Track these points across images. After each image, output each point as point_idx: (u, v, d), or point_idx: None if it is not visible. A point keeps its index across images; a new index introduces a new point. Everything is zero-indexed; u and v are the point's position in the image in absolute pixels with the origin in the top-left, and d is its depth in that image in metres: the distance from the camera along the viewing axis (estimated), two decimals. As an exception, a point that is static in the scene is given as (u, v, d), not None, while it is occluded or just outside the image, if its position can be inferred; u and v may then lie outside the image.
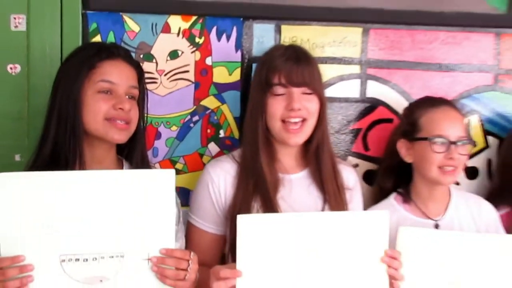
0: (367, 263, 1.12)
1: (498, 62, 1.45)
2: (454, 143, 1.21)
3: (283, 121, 1.17)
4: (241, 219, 1.05)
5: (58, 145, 1.08)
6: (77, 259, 0.99)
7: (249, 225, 1.06)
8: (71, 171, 1.05)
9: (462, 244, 1.19)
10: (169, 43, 1.31)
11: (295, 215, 1.15)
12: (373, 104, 1.44)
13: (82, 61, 1.09)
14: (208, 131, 1.36)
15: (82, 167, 1.08)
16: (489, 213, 1.33)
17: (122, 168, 1.17)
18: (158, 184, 1.05)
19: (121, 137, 1.11)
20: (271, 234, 1.07)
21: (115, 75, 1.10)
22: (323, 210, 1.25)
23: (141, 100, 1.16)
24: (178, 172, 1.33)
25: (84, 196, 1.01)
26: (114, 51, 1.13)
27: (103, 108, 1.07)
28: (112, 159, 1.15)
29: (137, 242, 1.04)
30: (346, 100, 1.42)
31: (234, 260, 1.05)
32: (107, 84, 1.08)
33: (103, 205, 1.02)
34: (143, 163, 1.17)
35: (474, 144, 1.36)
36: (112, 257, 1.02)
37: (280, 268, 1.09)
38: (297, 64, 1.18)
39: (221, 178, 1.23)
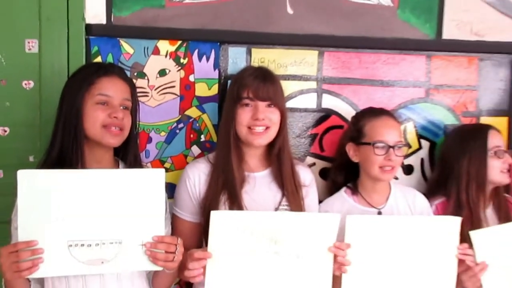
0: (316, 252, 1.26)
1: (429, 79, 1.65)
2: (392, 147, 1.38)
3: (249, 128, 1.32)
4: (214, 214, 1.20)
5: (64, 147, 1.19)
6: (82, 245, 1.11)
7: (219, 219, 1.20)
8: (77, 169, 1.16)
9: (399, 226, 1.34)
10: (158, 63, 1.47)
11: (256, 213, 1.29)
12: (327, 114, 1.61)
13: (83, 78, 1.22)
14: (191, 136, 1.52)
15: (83, 166, 1.19)
16: (422, 202, 1.51)
17: (118, 167, 1.28)
18: (150, 181, 1.16)
19: (115, 141, 1.22)
20: (235, 226, 1.22)
21: (111, 89, 1.21)
22: (280, 203, 1.37)
23: (133, 110, 1.27)
24: (166, 170, 1.46)
25: (88, 191, 1.12)
26: (110, 69, 1.25)
27: (100, 116, 1.19)
28: (109, 159, 1.26)
29: (132, 230, 1.15)
30: (305, 110, 1.59)
31: (207, 244, 1.18)
32: (104, 97, 1.20)
33: (104, 199, 1.13)
34: (136, 163, 1.29)
35: (409, 146, 1.61)
36: (112, 243, 1.13)
37: (243, 252, 1.23)
38: (263, 83, 1.33)
39: (196, 176, 1.36)
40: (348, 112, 1.59)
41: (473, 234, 1.30)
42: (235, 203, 1.31)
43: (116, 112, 1.19)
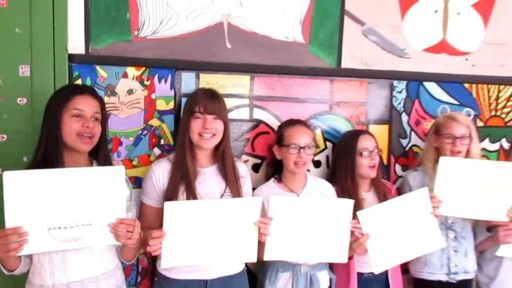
0: (246, 226, 1.47)
1: (331, 97, 1.99)
2: (303, 147, 1.68)
3: (200, 135, 1.55)
4: (167, 204, 1.39)
5: (47, 152, 1.36)
6: (59, 228, 1.27)
7: (171, 207, 1.39)
8: (53, 169, 1.30)
9: (309, 205, 1.57)
10: (127, 84, 1.73)
11: (199, 201, 1.49)
12: (257, 123, 1.91)
13: (62, 96, 1.40)
14: (153, 140, 1.77)
15: (63, 166, 1.35)
16: (330, 189, 1.81)
17: (92, 166, 1.45)
18: (113, 176, 1.33)
19: (86, 147, 1.40)
20: (183, 212, 1.40)
21: (83, 105, 1.38)
22: (225, 191, 1.58)
23: (103, 121, 1.45)
24: (134, 166, 1.75)
25: (64, 186, 1.27)
26: (83, 89, 1.44)
27: (75, 127, 1.36)
28: (85, 160, 1.44)
29: (100, 215, 1.32)
30: (241, 120, 1.89)
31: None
32: (77, 111, 1.37)
33: (77, 191, 1.29)
34: (107, 162, 1.47)
35: (317, 147, 1.93)
36: (84, 225, 1.30)
37: (189, 231, 1.42)
38: (211, 100, 1.57)
39: (160, 172, 1.57)
40: (273, 122, 1.93)
41: (359, 213, 1.58)
42: (191, 192, 1.52)
43: (88, 122, 1.37)
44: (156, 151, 1.80)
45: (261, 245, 1.51)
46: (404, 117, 2.12)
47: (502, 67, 2.22)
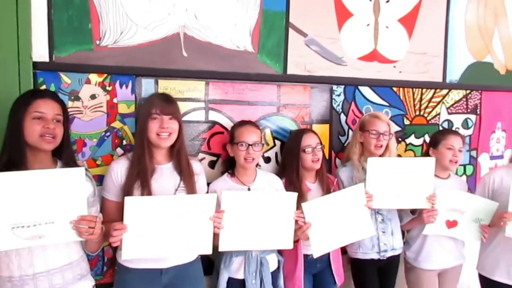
0: (201, 221, 1.56)
1: (279, 100, 2.19)
2: (251, 145, 1.83)
3: (158, 134, 1.64)
4: (127, 199, 1.47)
5: (11, 154, 1.41)
6: (23, 226, 1.31)
7: (131, 202, 1.48)
8: (16, 171, 1.33)
9: (257, 198, 1.71)
10: (90, 90, 1.82)
11: (157, 197, 1.56)
12: (212, 124, 2.06)
13: (23, 100, 1.45)
14: (116, 141, 1.88)
15: (27, 167, 1.40)
16: (278, 182, 1.97)
17: (56, 165, 1.50)
18: (74, 176, 1.39)
19: (49, 147, 1.44)
20: (142, 207, 1.49)
21: (44, 107, 1.43)
22: (179, 186, 1.66)
23: (65, 122, 1.50)
24: (98, 165, 1.84)
25: (27, 187, 1.31)
26: (43, 93, 1.49)
27: (37, 128, 1.41)
28: (49, 160, 1.49)
29: (62, 213, 1.36)
30: (197, 121, 2.03)
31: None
32: (38, 113, 1.41)
33: (39, 192, 1.33)
34: (70, 161, 1.52)
35: (267, 144, 2.13)
36: (47, 223, 1.34)
37: (148, 225, 1.50)
38: (166, 102, 1.67)
39: (118, 169, 1.65)
40: (227, 123, 2.08)
41: (303, 204, 1.74)
42: (145, 188, 1.61)
43: (49, 124, 1.42)
44: (119, 151, 1.90)
45: (216, 236, 1.64)
46: (343, 117, 2.38)
47: (424, 73, 2.57)
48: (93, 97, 1.85)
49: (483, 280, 2.18)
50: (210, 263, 1.95)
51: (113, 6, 1.86)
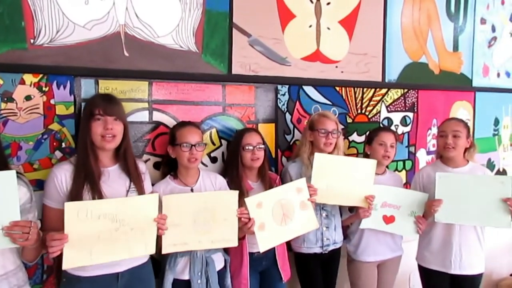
0: (145, 223, 1.57)
1: (224, 100, 2.20)
2: (194, 145, 1.82)
3: (102, 136, 1.61)
4: (67, 205, 1.45)
5: None
6: None
7: (71, 208, 1.46)
8: None
9: (200, 199, 1.73)
10: (24, 90, 1.75)
11: (99, 201, 1.54)
12: (157, 124, 2.04)
13: None
14: (55, 144, 1.81)
15: None
16: (221, 181, 1.98)
17: None
18: (5, 180, 1.34)
19: None
20: (84, 212, 1.47)
21: None
22: (130, 187, 1.67)
23: None
24: (35, 169, 1.78)
25: None
26: None
27: None
28: None
29: None
30: (141, 122, 2.00)
31: None
32: None
33: None
34: (3, 165, 1.47)
35: (213, 144, 2.14)
36: None
37: (91, 231, 1.47)
38: (109, 103, 1.65)
39: (62, 175, 1.60)
40: (172, 123, 2.04)
41: (247, 200, 1.80)
42: (96, 191, 1.58)
43: None
44: (58, 154, 1.84)
45: (160, 238, 1.64)
46: (288, 116, 2.44)
47: (364, 73, 2.69)
48: (28, 98, 1.78)
49: (422, 270, 2.33)
50: (158, 265, 1.93)
51: (48, 4, 1.80)
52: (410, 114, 2.95)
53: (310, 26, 2.49)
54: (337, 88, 2.60)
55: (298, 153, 2.29)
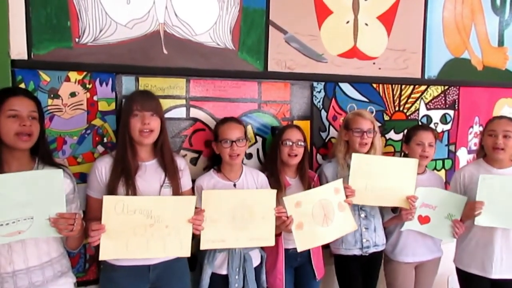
0: (180, 222, 1.59)
1: (260, 97, 2.21)
2: (234, 141, 1.85)
3: (140, 131, 1.64)
4: (106, 198, 1.50)
5: None
6: (1, 225, 1.35)
7: (109, 201, 1.51)
8: (1, 174, 1.37)
9: (240, 196, 1.73)
10: (69, 87, 1.82)
11: (136, 197, 1.58)
12: (194, 121, 2.07)
13: None
14: (97, 138, 1.88)
15: (3, 166, 1.42)
16: (262, 178, 2.01)
17: (35, 162, 1.51)
18: (52, 177, 1.43)
19: (26, 145, 1.45)
20: (121, 206, 1.50)
21: (18, 105, 1.44)
22: (164, 182, 1.69)
23: (41, 119, 1.50)
24: (78, 163, 1.84)
25: (8, 188, 1.35)
26: (17, 91, 1.50)
27: (13, 127, 1.41)
28: (27, 158, 1.50)
29: (41, 210, 1.40)
30: (179, 119, 2.04)
31: None
32: (13, 111, 1.42)
33: (21, 192, 1.37)
34: (48, 158, 1.55)
35: (249, 141, 2.12)
36: (26, 219, 1.38)
37: (127, 225, 1.50)
38: (147, 99, 1.69)
39: (102, 167, 1.67)
40: (208, 120, 2.10)
41: (285, 198, 1.77)
42: (130, 185, 1.63)
43: (24, 121, 1.43)
44: (100, 148, 1.90)
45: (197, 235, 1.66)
46: (323, 113, 2.41)
47: (403, 69, 2.62)
48: (72, 95, 1.85)
49: (460, 273, 2.24)
50: (194, 259, 1.94)
51: (92, 4, 1.86)
52: (451, 112, 2.84)
53: (348, 22, 2.45)
54: (374, 85, 2.55)
55: (334, 152, 2.26)
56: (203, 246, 1.69)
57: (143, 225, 1.53)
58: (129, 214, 1.51)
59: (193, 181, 1.93)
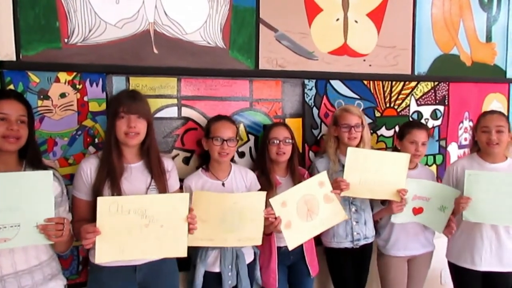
0: (175, 222, 1.56)
1: (251, 95, 2.21)
2: (226, 140, 1.85)
3: (126, 133, 1.63)
4: (100, 199, 1.48)
5: None
6: None
7: (104, 202, 1.48)
8: None
9: (231, 198, 1.71)
10: (59, 88, 1.81)
11: (131, 197, 1.55)
12: (185, 120, 2.07)
13: None
14: (88, 139, 1.87)
15: None
16: (251, 176, 2.01)
17: (22, 166, 1.50)
18: (41, 179, 1.39)
19: (13, 148, 1.44)
20: (116, 207, 1.48)
21: (7, 108, 1.43)
22: (150, 184, 1.67)
23: (30, 123, 1.49)
24: (70, 164, 1.83)
25: None
26: (7, 94, 1.49)
27: (0, 130, 1.41)
28: (14, 161, 1.49)
29: (28, 216, 1.36)
30: (170, 118, 2.03)
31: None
32: (2, 115, 1.41)
33: (6, 194, 1.34)
34: (37, 162, 1.53)
35: (241, 139, 2.15)
36: (12, 226, 1.34)
37: (122, 225, 1.49)
38: (133, 101, 1.65)
39: (88, 168, 1.65)
40: (200, 119, 2.10)
41: (271, 200, 1.77)
42: (115, 188, 1.61)
43: (12, 125, 1.42)
44: (91, 149, 1.90)
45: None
46: (315, 111, 2.42)
47: (393, 66, 2.64)
48: (62, 95, 1.84)
49: (451, 266, 2.26)
50: (187, 258, 1.95)
51: (81, 4, 1.85)
52: (441, 107, 2.87)
53: (338, 19, 2.46)
54: (365, 82, 2.56)
55: (325, 148, 2.28)
56: (190, 243, 1.64)
57: (139, 226, 1.51)
58: (124, 214, 1.49)
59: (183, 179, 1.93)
